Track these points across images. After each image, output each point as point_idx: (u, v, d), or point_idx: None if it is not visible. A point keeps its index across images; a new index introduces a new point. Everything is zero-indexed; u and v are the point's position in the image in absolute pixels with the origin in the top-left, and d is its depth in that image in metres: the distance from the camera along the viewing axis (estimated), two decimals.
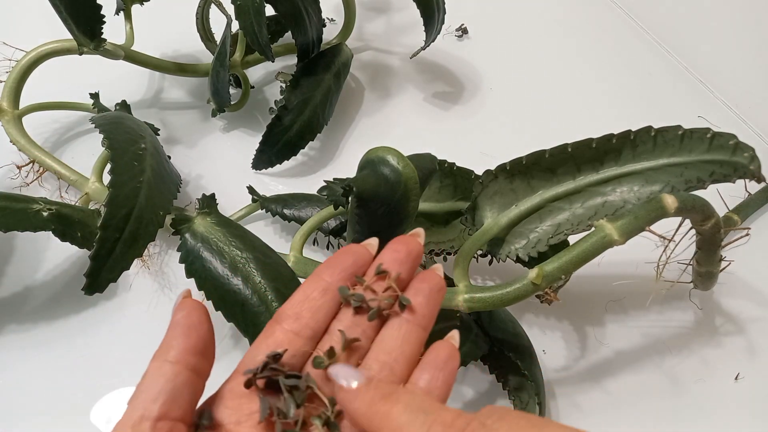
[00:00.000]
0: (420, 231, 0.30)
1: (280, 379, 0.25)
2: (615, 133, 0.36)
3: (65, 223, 0.41)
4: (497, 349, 0.41)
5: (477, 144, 0.55)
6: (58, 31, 0.47)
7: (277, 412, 0.25)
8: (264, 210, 0.47)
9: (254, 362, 0.26)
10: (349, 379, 0.25)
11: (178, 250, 0.40)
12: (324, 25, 0.54)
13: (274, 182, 0.53)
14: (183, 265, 0.39)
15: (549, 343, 0.45)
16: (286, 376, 0.26)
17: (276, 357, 0.26)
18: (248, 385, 0.25)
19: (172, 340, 0.25)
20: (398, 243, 0.29)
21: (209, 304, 0.38)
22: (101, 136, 0.40)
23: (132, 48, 0.51)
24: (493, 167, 0.39)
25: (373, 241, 0.30)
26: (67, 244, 0.41)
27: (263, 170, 0.53)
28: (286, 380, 0.25)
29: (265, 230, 0.50)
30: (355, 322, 0.28)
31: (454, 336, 0.28)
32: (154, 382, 0.24)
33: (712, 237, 0.38)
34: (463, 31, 0.65)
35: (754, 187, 0.49)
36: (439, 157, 0.42)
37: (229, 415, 0.25)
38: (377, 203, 0.35)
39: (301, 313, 0.27)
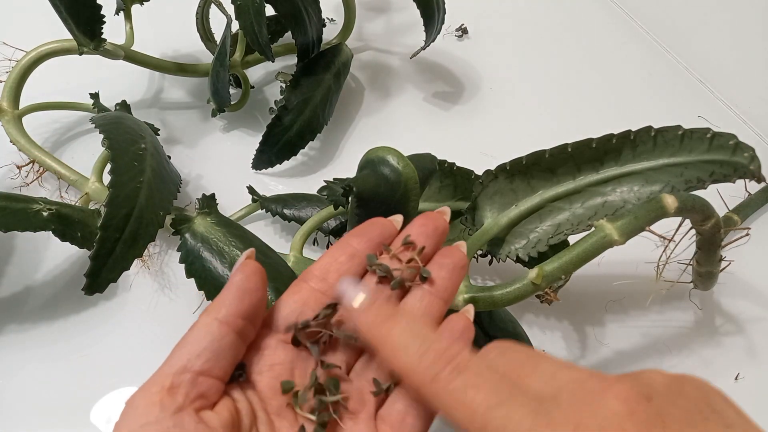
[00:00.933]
0: (446, 209, 0.31)
1: (335, 333, 0.27)
2: (615, 133, 0.36)
3: (65, 223, 0.41)
4: None
5: (477, 144, 0.55)
6: (58, 31, 0.47)
7: (320, 363, 0.26)
8: (264, 210, 0.47)
9: (285, 316, 0.27)
10: (354, 296, 0.26)
11: (178, 250, 0.40)
12: (324, 25, 0.54)
13: (274, 182, 0.53)
14: (183, 265, 0.39)
15: (549, 343, 0.45)
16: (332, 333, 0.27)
17: (333, 306, 0.27)
18: (295, 340, 0.27)
19: (225, 300, 0.26)
20: (426, 218, 0.30)
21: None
22: (101, 136, 0.40)
23: (132, 48, 0.51)
24: (493, 167, 0.39)
25: (398, 217, 0.31)
26: (67, 244, 0.41)
27: (263, 170, 0.53)
28: (338, 333, 0.27)
29: (265, 230, 0.50)
30: (379, 288, 0.28)
31: (469, 310, 0.29)
32: (202, 338, 0.25)
33: (712, 237, 0.38)
34: (463, 31, 0.65)
35: (754, 187, 0.49)
36: (439, 157, 0.42)
37: (251, 365, 0.26)
38: (377, 203, 0.35)
39: (328, 273, 0.28)
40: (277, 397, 0.26)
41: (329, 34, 0.57)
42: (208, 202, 0.43)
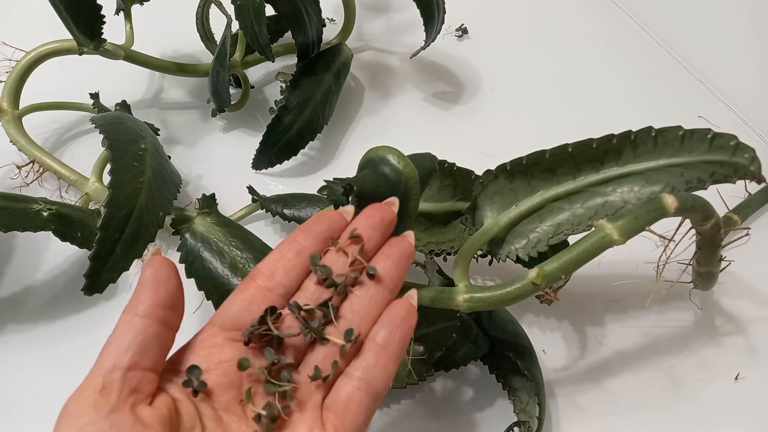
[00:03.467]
0: (394, 200, 0.31)
1: (280, 334, 0.27)
2: (615, 133, 0.36)
3: (65, 223, 0.41)
4: (497, 349, 0.41)
5: (477, 144, 0.55)
6: (58, 31, 0.47)
7: (270, 364, 0.27)
8: (264, 210, 0.47)
9: (233, 315, 0.28)
10: None
11: (178, 250, 0.40)
12: (324, 25, 0.54)
13: (274, 182, 0.53)
14: (183, 265, 0.39)
15: (549, 343, 0.45)
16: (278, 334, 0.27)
17: (273, 311, 0.27)
18: (247, 339, 0.27)
19: (141, 295, 0.27)
20: (373, 209, 0.30)
21: (209, 305, 0.38)
22: (101, 136, 0.40)
23: (132, 48, 0.51)
24: (493, 167, 0.39)
25: (349, 208, 0.31)
26: (67, 244, 0.41)
27: (263, 170, 0.53)
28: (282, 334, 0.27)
29: (265, 230, 0.50)
30: (319, 290, 0.29)
31: (412, 295, 0.30)
32: (125, 335, 0.26)
33: (712, 237, 0.38)
34: (463, 31, 0.65)
35: (754, 187, 0.49)
36: (439, 157, 0.42)
37: (199, 363, 0.27)
38: (378, 203, 0.35)
39: (275, 271, 0.29)
40: (224, 393, 0.26)
41: (329, 34, 0.57)
42: (208, 202, 0.43)
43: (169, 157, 0.47)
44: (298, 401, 0.27)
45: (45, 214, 0.41)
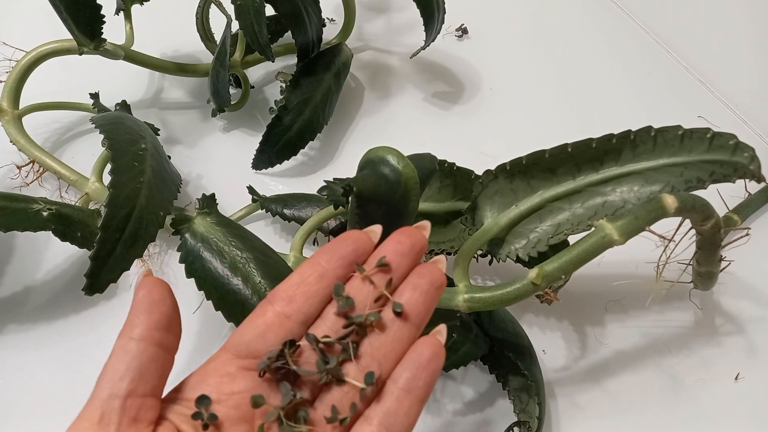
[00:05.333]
0: (426, 224, 0.29)
1: (298, 370, 0.25)
2: (615, 133, 0.36)
3: (65, 223, 0.41)
4: (497, 349, 0.41)
5: (477, 144, 0.55)
6: (58, 31, 0.47)
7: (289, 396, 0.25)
8: (264, 210, 0.47)
9: (248, 342, 0.26)
10: None
11: (178, 250, 0.40)
12: (324, 25, 0.54)
13: (274, 182, 0.53)
14: (183, 265, 0.39)
15: (549, 343, 0.45)
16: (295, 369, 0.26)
17: (291, 344, 0.26)
18: (262, 372, 0.25)
19: (135, 318, 0.25)
20: (402, 235, 0.28)
21: (209, 305, 0.38)
22: (101, 136, 0.40)
23: (132, 48, 0.51)
24: (493, 167, 0.39)
25: (377, 228, 0.29)
26: (67, 244, 0.41)
27: (263, 170, 0.53)
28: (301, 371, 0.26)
29: (265, 230, 0.50)
30: (338, 320, 0.27)
31: (441, 331, 0.27)
32: (120, 361, 0.24)
33: (712, 237, 0.38)
34: (463, 31, 0.65)
35: (754, 187, 0.49)
36: (439, 157, 0.42)
37: (209, 392, 0.25)
38: (377, 203, 0.35)
39: (295, 296, 0.27)
40: (234, 427, 0.25)
41: (329, 34, 0.57)
42: (208, 202, 0.43)
43: (169, 157, 0.47)
44: None
45: (45, 214, 0.41)
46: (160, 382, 0.25)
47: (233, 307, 0.37)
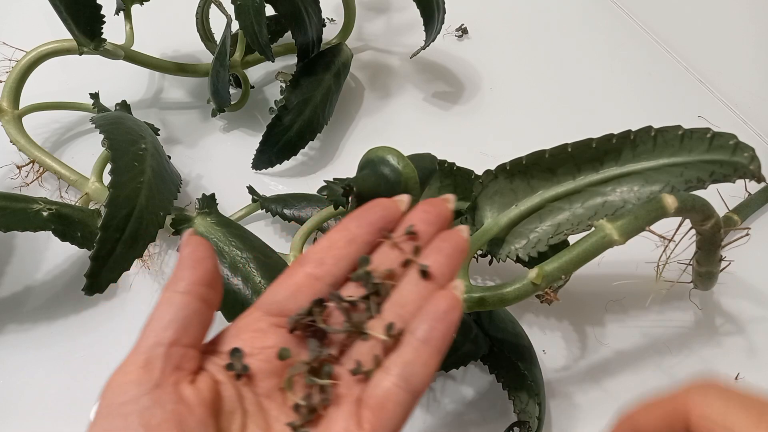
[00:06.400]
0: (450, 197, 0.30)
1: (326, 328, 0.26)
2: (615, 133, 0.36)
3: (65, 223, 0.41)
4: (497, 349, 0.41)
5: (477, 144, 0.55)
6: (58, 31, 0.47)
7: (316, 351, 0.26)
8: (264, 210, 0.47)
9: (279, 301, 0.27)
10: None
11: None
12: (324, 25, 0.54)
13: (274, 182, 0.53)
14: None
15: (549, 343, 0.45)
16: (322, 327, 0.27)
17: (320, 302, 0.27)
18: (293, 328, 0.26)
19: (180, 273, 0.26)
20: (428, 205, 0.29)
21: None
22: (101, 136, 0.40)
23: (132, 48, 0.51)
24: (493, 167, 0.39)
25: (404, 197, 0.30)
26: (67, 244, 0.41)
27: (263, 170, 0.53)
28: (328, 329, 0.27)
29: (265, 230, 0.50)
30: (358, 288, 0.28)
31: (457, 286, 0.28)
32: (166, 311, 0.25)
33: (712, 237, 0.38)
34: (463, 31, 0.65)
35: (754, 187, 0.49)
36: (439, 157, 0.42)
37: (242, 346, 0.26)
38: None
39: (325, 259, 0.28)
40: (266, 380, 0.26)
41: (329, 34, 0.57)
42: (208, 202, 0.43)
43: (169, 157, 0.47)
44: (337, 394, 0.26)
45: (45, 214, 0.41)
46: (201, 335, 0.26)
47: (233, 307, 0.37)
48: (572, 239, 0.36)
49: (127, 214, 0.38)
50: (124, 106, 0.51)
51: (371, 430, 0.25)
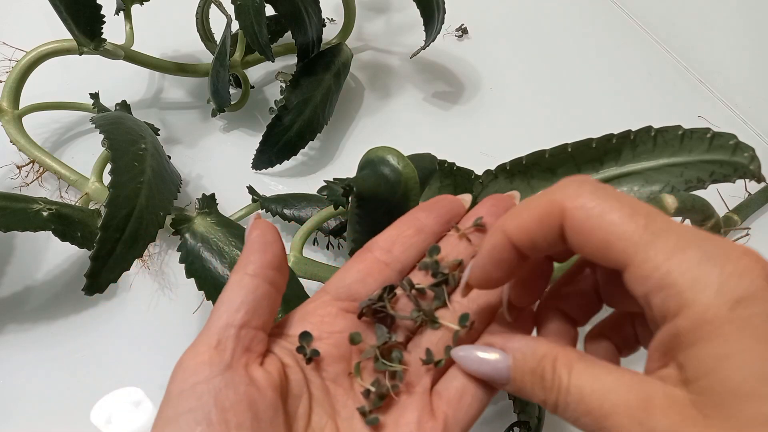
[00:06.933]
0: (516, 193, 0.30)
1: (396, 315, 0.26)
2: (615, 133, 0.36)
3: (65, 223, 0.41)
4: None
5: (477, 144, 0.55)
6: (58, 31, 0.47)
7: (381, 342, 0.26)
8: (264, 210, 0.47)
9: (347, 285, 0.27)
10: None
11: (178, 250, 0.40)
12: (324, 25, 0.54)
13: (274, 182, 0.53)
14: (183, 265, 0.39)
15: None
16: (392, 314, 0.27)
17: (391, 289, 0.27)
18: (361, 314, 0.27)
19: (250, 255, 0.26)
20: (496, 199, 0.29)
21: (209, 305, 0.38)
22: (101, 136, 0.40)
23: (132, 48, 0.51)
24: (493, 167, 0.39)
25: (467, 197, 0.30)
26: (67, 244, 0.41)
27: (263, 170, 0.53)
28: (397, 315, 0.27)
29: None
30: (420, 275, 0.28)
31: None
32: (237, 293, 0.25)
33: None
34: (463, 31, 0.65)
35: (754, 187, 0.49)
36: (439, 157, 0.42)
37: (310, 329, 0.26)
38: (377, 203, 0.35)
39: (394, 246, 0.28)
40: (333, 364, 0.26)
41: (329, 34, 0.57)
42: (208, 202, 0.43)
43: (169, 157, 0.47)
44: (407, 383, 0.26)
45: (45, 214, 0.41)
46: (270, 318, 0.26)
47: None
48: None
49: (127, 214, 0.38)
50: (124, 106, 0.51)
51: (445, 421, 0.25)
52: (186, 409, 0.22)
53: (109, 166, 0.38)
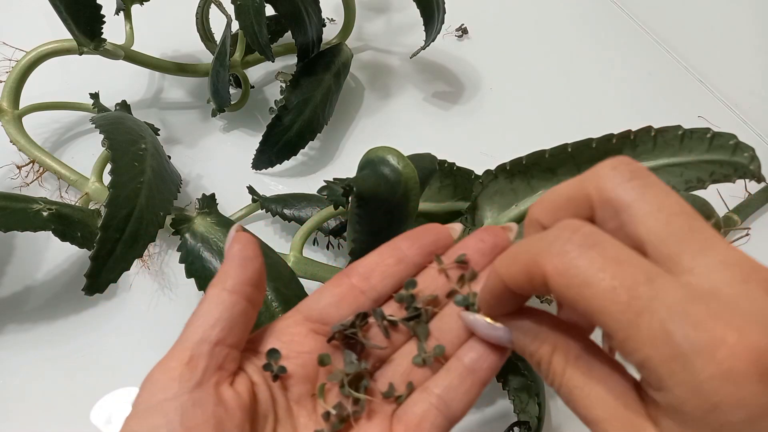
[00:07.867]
0: (513, 226, 0.29)
1: (366, 343, 0.26)
2: (615, 133, 0.36)
3: (65, 223, 0.41)
4: None
5: (477, 144, 0.55)
6: (58, 31, 0.47)
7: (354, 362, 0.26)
8: (264, 210, 0.47)
9: (321, 308, 0.27)
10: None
11: (178, 250, 0.40)
12: (324, 25, 0.54)
13: (274, 182, 0.53)
14: (183, 265, 0.39)
15: None
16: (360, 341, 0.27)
17: (364, 316, 0.27)
18: (331, 338, 0.26)
19: (229, 270, 0.26)
20: (487, 233, 0.28)
21: None
22: (101, 136, 0.40)
23: (132, 48, 0.51)
24: (493, 167, 0.39)
25: (457, 226, 0.29)
26: (67, 244, 0.41)
27: (263, 170, 0.53)
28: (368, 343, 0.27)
29: (265, 230, 0.50)
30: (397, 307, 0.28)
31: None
32: (214, 309, 0.25)
33: None
34: (463, 31, 0.65)
35: (754, 187, 0.49)
36: (439, 157, 0.42)
37: (279, 347, 0.26)
38: (377, 203, 0.35)
39: (372, 274, 0.27)
40: (298, 385, 0.26)
41: (329, 34, 0.57)
42: (208, 202, 0.43)
43: (169, 157, 0.47)
44: (369, 409, 0.26)
45: (45, 214, 0.41)
46: (244, 336, 0.26)
47: None
48: None
49: (127, 214, 0.38)
50: (124, 106, 0.51)
51: None
52: (152, 426, 0.22)
53: (109, 166, 0.38)
